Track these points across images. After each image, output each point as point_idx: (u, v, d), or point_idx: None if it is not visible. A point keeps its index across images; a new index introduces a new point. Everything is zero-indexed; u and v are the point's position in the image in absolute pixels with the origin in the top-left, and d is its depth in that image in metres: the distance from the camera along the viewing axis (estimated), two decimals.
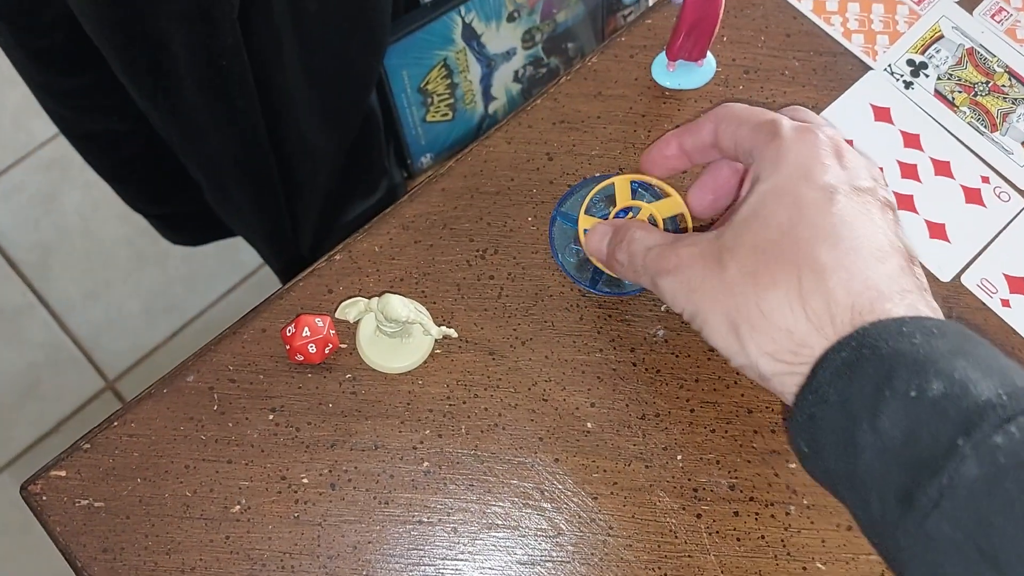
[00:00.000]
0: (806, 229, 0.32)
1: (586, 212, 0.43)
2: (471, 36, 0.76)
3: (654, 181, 0.43)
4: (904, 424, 0.28)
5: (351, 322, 0.40)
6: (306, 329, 0.39)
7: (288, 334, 0.40)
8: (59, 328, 1.30)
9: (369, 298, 0.40)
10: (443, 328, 0.40)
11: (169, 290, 1.33)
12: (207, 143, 0.66)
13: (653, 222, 0.42)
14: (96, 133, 0.76)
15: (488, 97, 0.85)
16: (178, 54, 0.57)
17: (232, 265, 1.32)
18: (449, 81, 0.78)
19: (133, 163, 0.81)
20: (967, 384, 0.28)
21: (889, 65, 0.49)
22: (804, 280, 0.31)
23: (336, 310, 0.40)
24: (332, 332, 0.40)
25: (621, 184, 0.43)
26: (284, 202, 0.76)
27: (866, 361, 0.29)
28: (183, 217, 0.92)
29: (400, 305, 0.39)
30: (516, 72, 0.85)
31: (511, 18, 0.78)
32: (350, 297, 0.41)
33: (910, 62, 0.49)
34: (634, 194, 0.44)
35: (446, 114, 0.81)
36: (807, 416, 0.31)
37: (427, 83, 0.77)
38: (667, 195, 0.43)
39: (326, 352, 0.40)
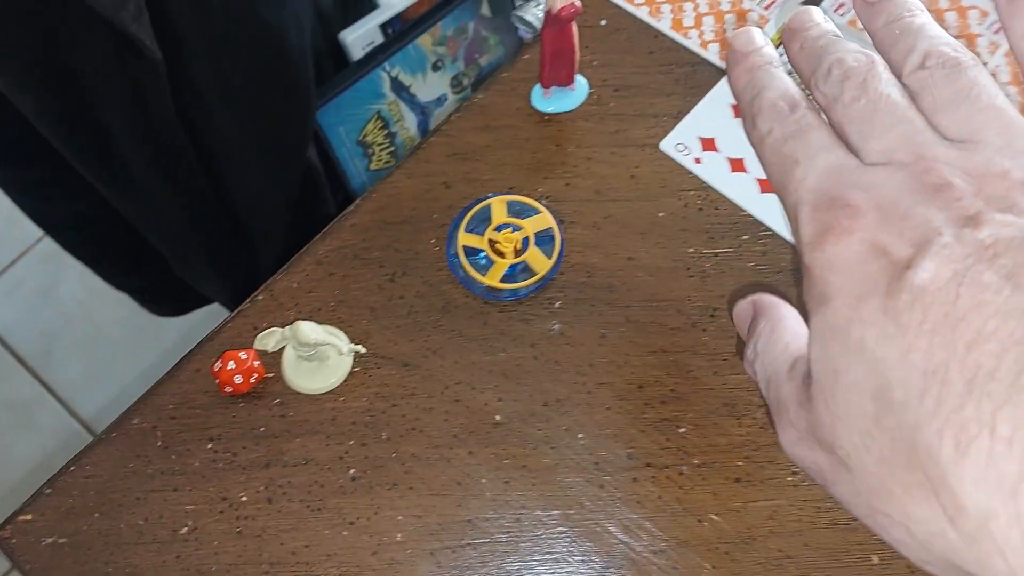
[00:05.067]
0: (898, 405, 0.23)
1: (467, 230, 0.48)
2: (400, 88, 0.82)
3: (528, 200, 0.48)
4: None
5: (270, 351, 0.45)
6: (231, 362, 0.44)
7: (216, 369, 0.44)
8: (67, 413, 1.36)
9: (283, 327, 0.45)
10: (352, 345, 0.45)
11: (169, 361, 1.38)
12: (160, 216, 0.72)
13: (526, 240, 0.47)
14: (67, 220, 0.82)
15: None
16: (120, 137, 0.63)
17: None
18: (387, 131, 0.84)
19: (106, 244, 0.87)
20: None
21: None
22: (942, 495, 0.23)
23: (255, 341, 0.45)
24: (256, 363, 0.45)
25: (497, 204, 0.48)
26: (244, 261, 0.81)
27: None
28: (161, 290, 0.97)
29: (309, 330, 0.43)
30: (451, 115, 0.90)
31: (436, 67, 0.83)
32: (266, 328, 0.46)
33: None
34: (512, 212, 0.49)
35: (388, 161, 0.86)
36: None
37: (365, 135, 0.82)
38: (539, 212, 0.48)
39: (251, 382, 0.45)
